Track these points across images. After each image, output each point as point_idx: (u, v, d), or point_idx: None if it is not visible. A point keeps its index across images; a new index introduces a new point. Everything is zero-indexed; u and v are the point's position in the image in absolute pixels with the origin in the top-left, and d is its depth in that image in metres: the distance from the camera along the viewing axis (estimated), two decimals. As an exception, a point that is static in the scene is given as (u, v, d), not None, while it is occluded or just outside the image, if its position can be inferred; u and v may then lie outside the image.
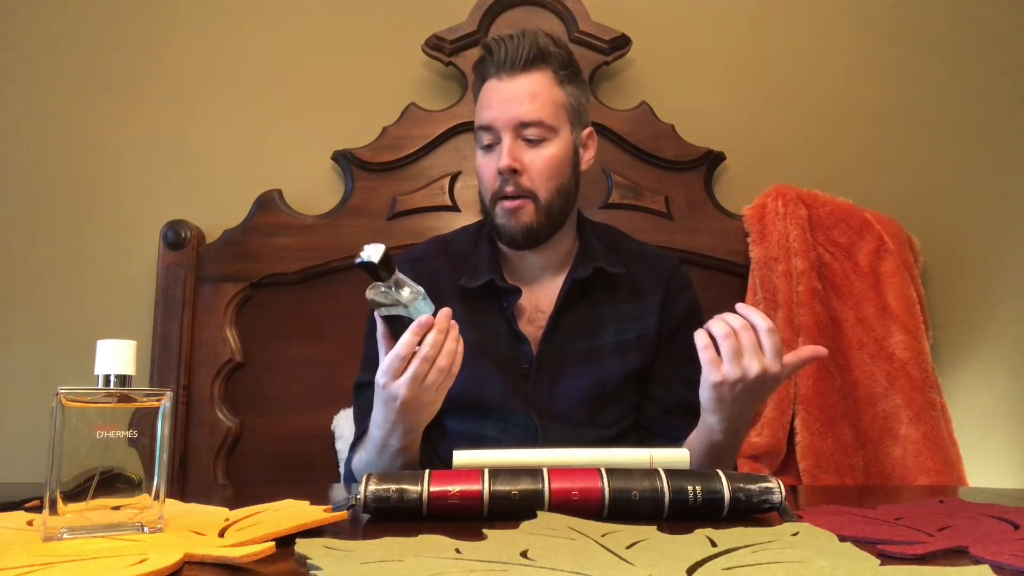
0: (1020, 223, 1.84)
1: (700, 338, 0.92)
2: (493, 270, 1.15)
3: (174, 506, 0.70)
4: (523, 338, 1.13)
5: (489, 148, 1.13)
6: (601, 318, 1.16)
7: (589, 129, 1.20)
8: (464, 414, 1.13)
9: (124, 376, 0.62)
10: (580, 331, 1.15)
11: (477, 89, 1.17)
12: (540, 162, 1.11)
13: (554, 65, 1.13)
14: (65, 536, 0.57)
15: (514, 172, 1.09)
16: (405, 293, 0.91)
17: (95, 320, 1.66)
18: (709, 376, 0.92)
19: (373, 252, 0.89)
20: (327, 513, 0.63)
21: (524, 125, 1.10)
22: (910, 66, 1.86)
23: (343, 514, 0.63)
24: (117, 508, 0.59)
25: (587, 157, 1.20)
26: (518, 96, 1.10)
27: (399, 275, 0.92)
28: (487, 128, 1.12)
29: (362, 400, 1.13)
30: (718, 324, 0.91)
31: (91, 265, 1.69)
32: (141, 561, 0.49)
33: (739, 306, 0.93)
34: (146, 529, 0.59)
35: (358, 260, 0.89)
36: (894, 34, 1.87)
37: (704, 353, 0.92)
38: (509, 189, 1.10)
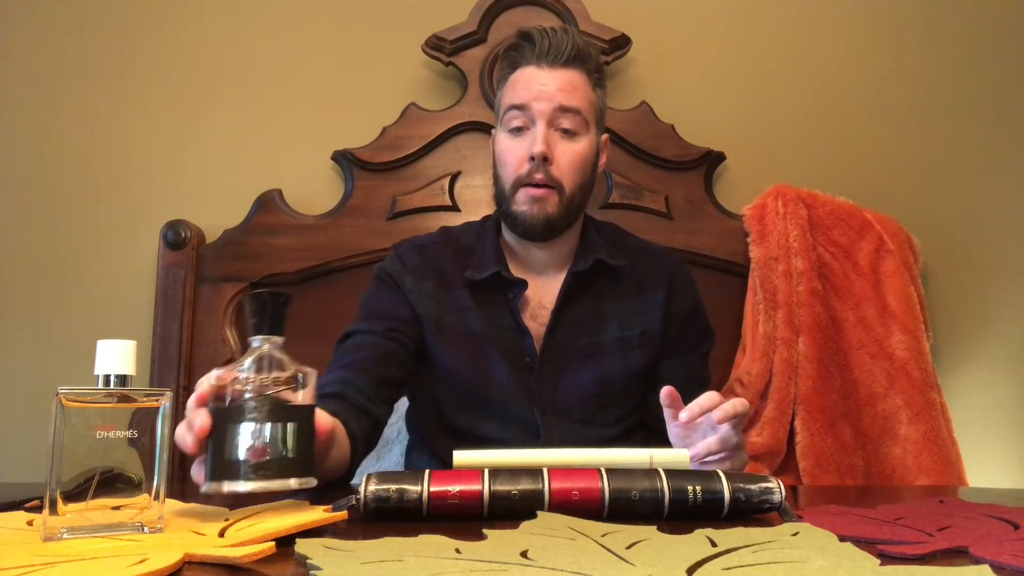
0: (1020, 223, 1.84)
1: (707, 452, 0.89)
2: (499, 262, 1.15)
3: (174, 506, 0.70)
4: (526, 331, 1.13)
5: (518, 132, 1.11)
6: (604, 312, 1.16)
7: (606, 135, 1.21)
8: (467, 403, 1.13)
9: (124, 376, 0.62)
10: (582, 325, 1.15)
11: (506, 74, 1.16)
12: (571, 155, 1.11)
13: (591, 66, 1.14)
14: (65, 536, 0.57)
15: (545, 159, 1.09)
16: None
17: (95, 320, 1.66)
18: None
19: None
20: (327, 513, 0.63)
21: (564, 110, 1.09)
22: (910, 66, 1.86)
23: (343, 514, 0.63)
24: (117, 508, 0.59)
25: (602, 161, 1.21)
26: (560, 85, 1.10)
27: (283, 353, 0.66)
28: (521, 108, 1.10)
29: (338, 352, 1.11)
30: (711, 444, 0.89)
31: (91, 265, 1.69)
32: (141, 561, 0.49)
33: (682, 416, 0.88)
34: (146, 529, 0.59)
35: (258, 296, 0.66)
36: (894, 34, 1.87)
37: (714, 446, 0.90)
38: (538, 176, 1.09)
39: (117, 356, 0.61)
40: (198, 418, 0.62)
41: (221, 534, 0.58)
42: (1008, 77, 1.87)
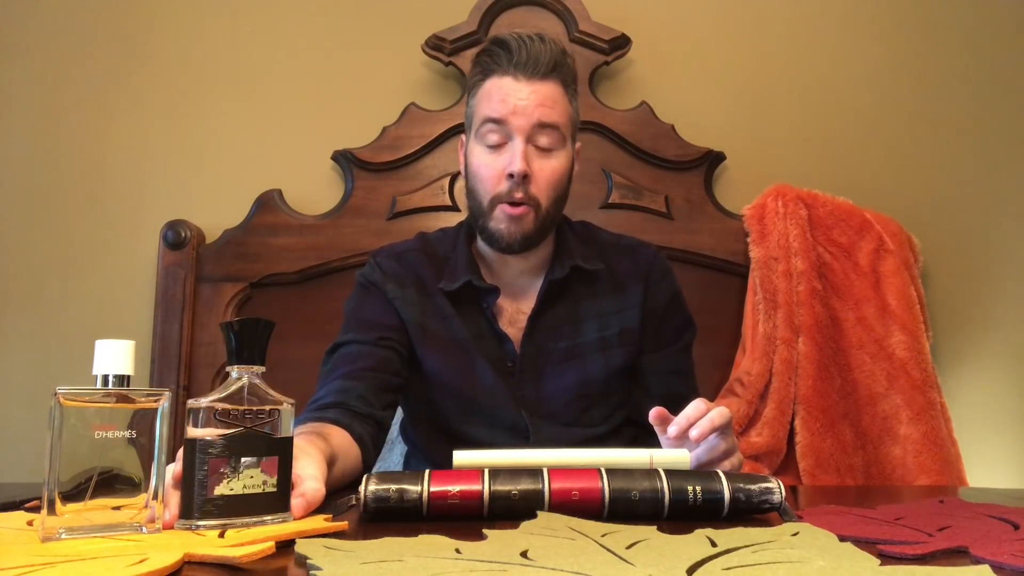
0: (1020, 223, 1.84)
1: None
2: (471, 271, 1.14)
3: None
4: (505, 336, 1.13)
5: (495, 147, 1.09)
6: (582, 314, 1.16)
7: (579, 144, 1.20)
8: (456, 408, 1.13)
9: (123, 376, 0.62)
10: (561, 329, 1.14)
11: (478, 80, 1.13)
12: (548, 172, 1.09)
13: (567, 77, 1.12)
14: (64, 536, 0.56)
15: (525, 178, 1.07)
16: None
17: (95, 320, 1.66)
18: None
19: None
20: (327, 523, 0.62)
21: (542, 126, 1.07)
22: (910, 66, 1.86)
23: (343, 524, 0.62)
24: (116, 508, 0.59)
25: (576, 169, 1.20)
26: (540, 99, 1.07)
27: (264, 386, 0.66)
28: (498, 122, 1.08)
29: (328, 365, 1.11)
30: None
31: (91, 265, 1.69)
32: (141, 561, 0.49)
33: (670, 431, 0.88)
34: (145, 529, 0.59)
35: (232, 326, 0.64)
36: (894, 34, 1.87)
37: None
38: (518, 195, 1.07)
39: (116, 356, 0.61)
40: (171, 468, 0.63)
41: (221, 534, 0.58)
42: (1008, 77, 1.87)
